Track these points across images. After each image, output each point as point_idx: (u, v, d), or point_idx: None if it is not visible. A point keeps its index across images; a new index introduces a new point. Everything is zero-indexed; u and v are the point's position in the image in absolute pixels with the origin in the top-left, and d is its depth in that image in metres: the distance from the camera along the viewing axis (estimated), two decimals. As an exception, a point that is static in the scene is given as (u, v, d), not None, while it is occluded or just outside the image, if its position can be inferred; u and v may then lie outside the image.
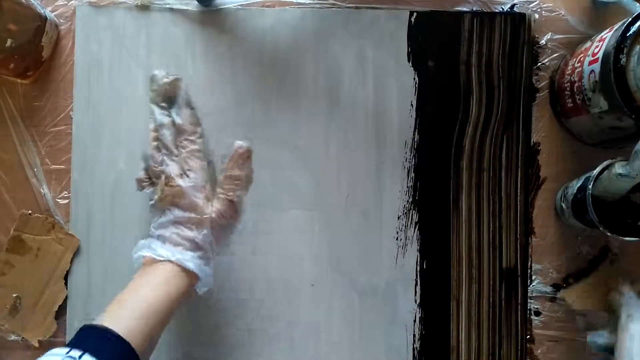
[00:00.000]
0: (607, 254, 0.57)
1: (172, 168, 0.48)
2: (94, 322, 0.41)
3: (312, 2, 0.58)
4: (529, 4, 0.58)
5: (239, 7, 0.58)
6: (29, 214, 0.57)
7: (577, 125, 0.56)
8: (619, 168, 0.46)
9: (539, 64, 0.58)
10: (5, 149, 0.59)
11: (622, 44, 0.45)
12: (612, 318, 0.51)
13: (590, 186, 0.49)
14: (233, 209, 0.49)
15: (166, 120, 0.49)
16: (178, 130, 0.48)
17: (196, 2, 0.58)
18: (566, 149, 0.58)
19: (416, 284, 0.58)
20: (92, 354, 0.38)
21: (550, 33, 0.58)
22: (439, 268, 0.58)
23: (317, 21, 0.58)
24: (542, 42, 0.58)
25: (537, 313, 0.57)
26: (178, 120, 0.48)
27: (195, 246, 0.47)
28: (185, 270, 0.46)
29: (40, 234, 0.57)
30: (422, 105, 0.58)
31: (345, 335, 0.57)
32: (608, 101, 0.47)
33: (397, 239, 0.58)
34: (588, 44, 0.52)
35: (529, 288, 0.57)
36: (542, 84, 0.58)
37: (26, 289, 0.57)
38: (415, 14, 0.58)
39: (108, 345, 0.40)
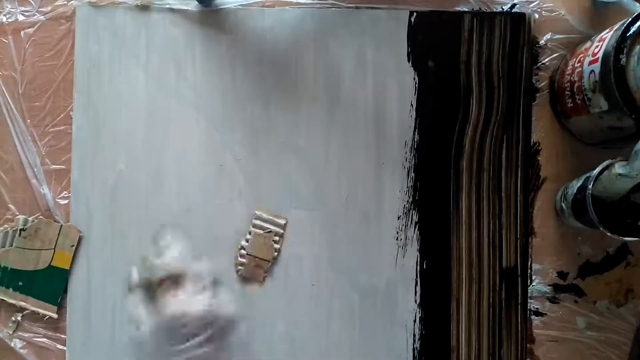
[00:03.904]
0: (627, 255, 0.57)
1: None
2: None
3: (312, 2, 0.58)
4: (529, 4, 0.58)
5: (239, 7, 0.58)
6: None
7: (577, 125, 0.56)
8: (619, 168, 0.46)
9: (539, 64, 0.58)
10: (5, 149, 0.59)
11: (622, 44, 0.45)
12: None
13: (590, 186, 0.49)
14: None
15: None
16: None
17: (196, 2, 0.58)
18: (566, 149, 0.58)
19: (416, 284, 0.58)
20: None
21: (550, 33, 0.58)
22: (439, 268, 0.58)
23: (317, 21, 0.58)
24: (542, 42, 0.58)
25: (537, 313, 0.57)
26: None
27: None
28: None
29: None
30: (422, 105, 0.58)
31: (345, 335, 0.57)
32: (608, 101, 0.47)
33: (397, 239, 0.58)
34: (588, 44, 0.52)
35: (529, 288, 0.57)
36: (542, 84, 0.58)
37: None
38: (415, 14, 0.58)
39: None
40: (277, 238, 0.56)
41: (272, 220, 0.57)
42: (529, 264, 0.58)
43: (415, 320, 0.57)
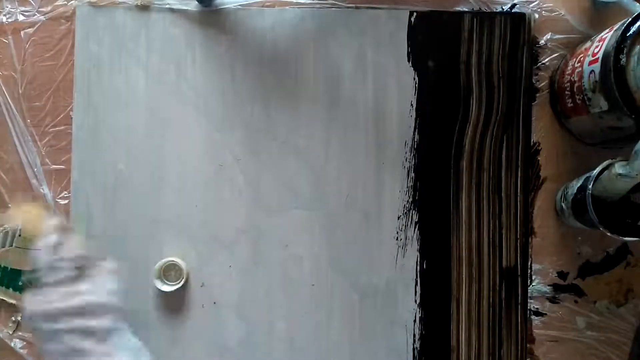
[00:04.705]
0: (627, 255, 0.57)
1: None
2: None
3: (312, 2, 0.58)
4: (529, 4, 0.58)
5: (239, 7, 0.58)
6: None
7: (577, 125, 0.56)
8: (619, 168, 0.46)
9: (539, 64, 0.58)
10: (5, 149, 0.59)
11: (622, 44, 0.45)
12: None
13: (590, 186, 0.49)
14: None
15: None
16: None
17: (196, 2, 0.58)
18: (566, 149, 0.58)
19: (416, 284, 0.58)
20: None
21: (550, 33, 0.58)
22: (439, 268, 0.58)
23: (317, 21, 0.58)
24: (542, 42, 0.58)
25: (537, 313, 0.57)
26: None
27: None
28: None
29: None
30: (422, 105, 0.58)
31: (345, 335, 0.57)
32: (608, 101, 0.47)
33: (397, 239, 0.58)
34: (588, 44, 0.52)
35: (529, 288, 0.57)
36: (542, 84, 0.58)
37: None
38: (415, 14, 0.58)
39: None
40: None
41: None
42: (529, 264, 0.58)
43: (415, 320, 0.57)
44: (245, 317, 0.57)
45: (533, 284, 0.57)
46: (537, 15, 0.58)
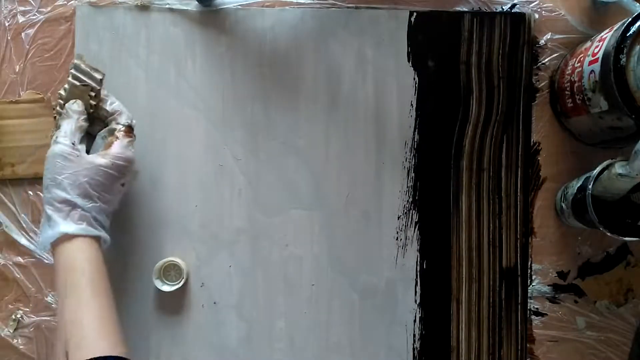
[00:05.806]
0: (627, 255, 0.57)
1: None
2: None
3: (312, 2, 0.58)
4: (529, 4, 0.58)
5: (239, 7, 0.58)
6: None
7: (577, 125, 0.56)
8: (619, 168, 0.46)
9: (539, 64, 0.58)
10: (5, 149, 0.59)
11: (622, 44, 0.45)
12: None
13: (590, 186, 0.49)
14: None
15: None
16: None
17: (196, 2, 0.58)
18: (566, 149, 0.58)
19: (416, 284, 0.58)
20: None
21: (550, 33, 0.58)
22: (439, 268, 0.58)
23: (317, 21, 0.58)
24: (542, 42, 0.58)
25: (537, 313, 0.57)
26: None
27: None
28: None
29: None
30: (422, 105, 0.58)
31: (345, 335, 0.57)
32: (608, 101, 0.47)
33: (397, 239, 0.58)
34: (588, 44, 0.52)
35: (529, 288, 0.57)
36: (542, 84, 0.58)
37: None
38: (415, 14, 0.58)
39: None
40: (92, 94, 0.51)
41: (89, 74, 0.51)
42: (529, 264, 0.58)
43: (415, 320, 0.57)
44: (245, 317, 0.58)
45: (533, 284, 0.57)
46: (537, 15, 0.58)
